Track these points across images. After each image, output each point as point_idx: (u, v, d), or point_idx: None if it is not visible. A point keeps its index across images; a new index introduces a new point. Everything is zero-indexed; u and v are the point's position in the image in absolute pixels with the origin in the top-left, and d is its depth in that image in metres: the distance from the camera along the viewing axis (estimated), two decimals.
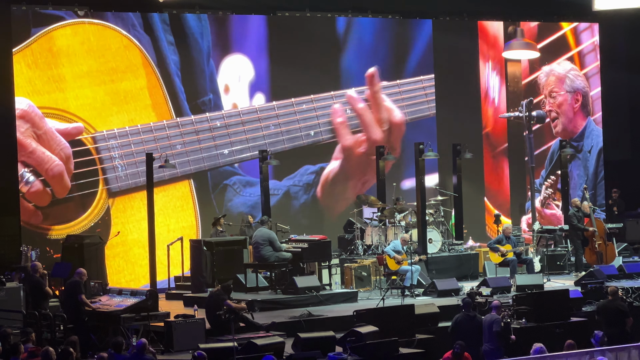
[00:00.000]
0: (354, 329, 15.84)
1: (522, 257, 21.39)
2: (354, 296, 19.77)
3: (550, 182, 26.90)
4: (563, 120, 27.10)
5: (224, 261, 20.25)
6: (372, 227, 22.27)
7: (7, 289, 17.62)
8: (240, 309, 16.67)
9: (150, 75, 20.18)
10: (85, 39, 19.69)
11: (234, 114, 21.34)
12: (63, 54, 19.39)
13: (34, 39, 19.47)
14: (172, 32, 20.93)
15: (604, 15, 25.39)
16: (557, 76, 27.20)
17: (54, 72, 19.32)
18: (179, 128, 20.45)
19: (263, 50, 22.52)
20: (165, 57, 20.78)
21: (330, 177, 23.19)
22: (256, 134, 21.63)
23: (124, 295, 17.24)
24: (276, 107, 22.25)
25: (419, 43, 25.43)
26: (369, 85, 23.68)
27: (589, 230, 22.29)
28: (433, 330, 17.41)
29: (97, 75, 19.81)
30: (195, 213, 21.17)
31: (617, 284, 19.24)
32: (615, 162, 27.21)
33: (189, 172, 20.92)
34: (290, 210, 22.64)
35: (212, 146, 21.03)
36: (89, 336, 16.59)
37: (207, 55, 21.83)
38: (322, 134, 22.76)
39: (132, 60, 20.07)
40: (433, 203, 23.22)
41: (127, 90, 19.95)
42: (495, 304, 16.57)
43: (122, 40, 19.94)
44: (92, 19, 19.67)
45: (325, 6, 24.36)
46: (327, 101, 23.06)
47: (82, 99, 19.64)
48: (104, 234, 20.07)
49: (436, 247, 22.43)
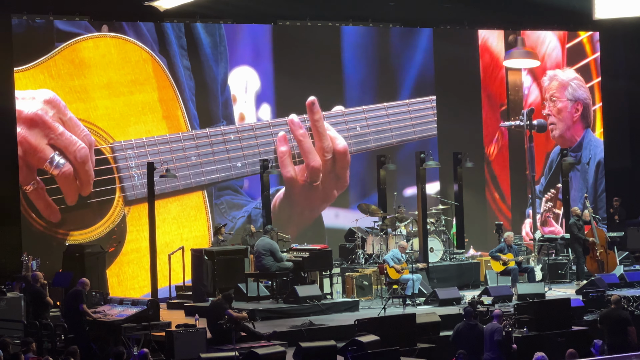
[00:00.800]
0: (355, 338, 15.82)
1: (523, 265, 21.38)
2: (355, 305, 19.76)
3: (550, 196, 26.81)
4: (560, 127, 27.05)
5: (225, 270, 20.23)
6: (374, 236, 22.27)
7: (8, 298, 17.60)
8: (242, 319, 16.64)
9: (167, 89, 20.73)
10: (107, 52, 20.33)
11: (247, 128, 21.84)
12: (85, 66, 20.01)
13: (57, 50, 20.05)
14: (189, 57, 21.54)
15: (604, 24, 25.39)
16: (560, 82, 27.18)
17: (76, 83, 19.91)
18: (194, 140, 20.97)
19: (268, 60, 22.76)
20: (182, 83, 21.29)
21: (277, 204, 22.98)
22: (269, 148, 22.21)
23: (125, 305, 17.22)
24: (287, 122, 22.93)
25: (420, 52, 25.47)
26: (309, 113, 23.30)
27: (590, 240, 22.28)
28: (434, 339, 17.40)
29: (116, 87, 20.37)
30: (208, 223, 21.61)
31: (618, 293, 19.22)
32: (616, 171, 27.20)
33: (202, 182, 21.33)
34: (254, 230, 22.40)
35: (226, 158, 21.55)
36: (89, 346, 16.57)
37: (222, 82, 22.19)
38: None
39: (150, 73, 20.63)
40: (434, 212, 23.21)
41: (144, 102, 20.48)
42: (496, 312, 16.55)
43: (142, 54, 20.49)
44: (113, 32, 20.42)
45: (326, 15, 24.39)
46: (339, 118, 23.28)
47: (101, 109, 20.24)
48: (120, 240, 20.52)
49: (437, 256, 22.41)
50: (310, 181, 23.32)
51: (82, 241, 20.31)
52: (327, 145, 23.56)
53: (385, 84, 24.88)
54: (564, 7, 25.14)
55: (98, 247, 20.52)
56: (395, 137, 24.35)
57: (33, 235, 20.52)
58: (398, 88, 25.03)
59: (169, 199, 20.68)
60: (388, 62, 25.07)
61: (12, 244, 20.85)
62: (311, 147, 23.18)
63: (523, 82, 26.71)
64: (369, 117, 24.09)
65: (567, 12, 25.48)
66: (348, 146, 23.74)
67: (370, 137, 24.06)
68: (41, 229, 20.58)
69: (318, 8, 24.05)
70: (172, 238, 20.67)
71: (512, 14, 25.91)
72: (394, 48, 25.23)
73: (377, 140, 24.19)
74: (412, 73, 25.31)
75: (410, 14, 25.10)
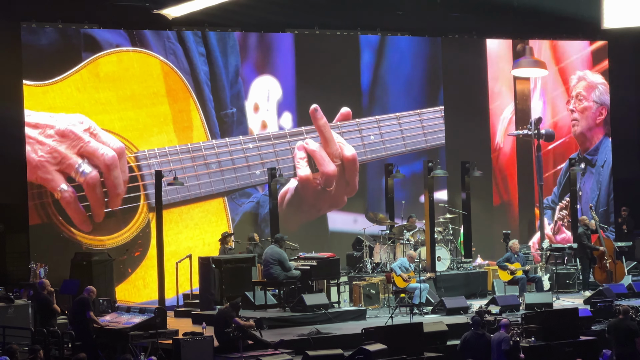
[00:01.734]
0: (362, 347, 15.81)
1: (530, 275, 21.35)
2: (362, 314, 19.74)
3: (565, 204, 26.66)
4: (583, 124, 27.19)
5: (233, 279, 20.24)
6: (381, 245, 22.27)
7: (16, 306, 17.63)
8: (249, 327, 16.65)
9: (187, 100, 21.50)
10: (130, 66, 21.07)
11: (265, 137, 22.44)
12: (109, 79, 20.80)
13: (83, 65, 20.85)
14: (204, 44, 22.24)
15: (613, 33, 25.39)
16: (589, 83, 27.33)
17: (101, 96, 20.65)
18: (215, 149, 21.63)
19: (290, 69, 23.30)
20: (195, 67, 22.02)
21: (286, 200, 23.34)
22: (288, 157, 22.83)
23: (133, 313, 17.23)
24: (305, 131, 23.35)
25: (428, 60, 25.51)
26: (313, 120, 23.55)
27: (599, 250, 22.24)
28: (442, 348, 17.37)
29: (139, 99, 21.06)
30: (229, 228, 22.26)
31: (626, 303, 19.17)
32: (624, 180, 27.15)
33: (222, 190, 21.96)
34: (259, 218, 23.08)
35: (245, 167, 22.24)
36: (97, 353, 16.58)
37: (234, 71, 22.66)
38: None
39: (172, 86, 21.39)
40: (442, 221, 23.20)
41: (166, 113, 21.25)
42: (504, 322, 16.52)
43: (163, 67, 21.27)
44: (136, 47, 21.28)
45: (335, 24, 24.42)
46: (352, 127, 23.89)
47: (126, 120, 20.90)
48: (145, 245, 21.11)
49: (445, 265, 22.40)
50: (324, 186, 23.55)
51: (109, 246, 20.90)
52: (334, 151, 23.71)
53: (397, 93, 24.99)
54: (573, 16, 25.16)
55: (105, 255, 20.55)
56: (408, 145, 24.62)
57: (59, 241, 21.01)
58: (407, 97, 25.10)
59: (191, 206, 21.48)
60: (399, 70, 25.15)
61: (20, 252, 20.89)
62: (324, 156, 23.42)
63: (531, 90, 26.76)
64: (382, 126, 24.39)
65: (576, 21, 25.50)
66: (363, 154, 24.02)
67: (383, 147, 24.37)
68: (69, 235, 21.11)
69: (326, 17, 24.08)
70: (195, 243, 21.54)
71: (521, 24, 25.90)
72: (404, 57, 25.26)
73: (389, 149, 24.49)
74: (421, 82, 25.32)
75: (419, 24, 25.10)
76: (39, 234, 20.93)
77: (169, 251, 21.05)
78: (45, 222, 20.98)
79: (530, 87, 26.86)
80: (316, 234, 23.76)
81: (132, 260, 20.50)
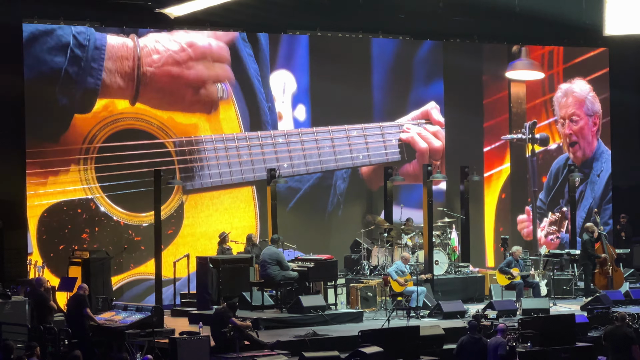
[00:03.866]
0: (358, 349, 15.82)
1: (528, 280, 21.35)
2: (359, 316, 19.75)
3: (555, 218, 26.41)
4: (583, 145, 26.78)
5: (230, 279, 20.26)
6: (379, 248, 22.27)
7: (13, 302, 17.61)
8: (246, 327, 16.65)
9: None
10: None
11: (294, 133, 23.56)
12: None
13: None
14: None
15: (614, 40, 25.39)
16: (577, 98, 26.77)
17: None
18: (247, 141, 22.77)
19: (304, 66, 24.14)
20: (245, 64, 23.19)
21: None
22: (312, 152, 23.83)
23: (130, 311, 17.25)
24: (331, 131, 24.19)
25: (429, 64, 25.55)
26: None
27: (602, 256, 22.22)
28: (438, 352, 17.37)
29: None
30: (256, 215, 23.14)
31: (623, 310, 19.17)
32: (623, 188, 27.15)
33: (251, 179, 22.96)
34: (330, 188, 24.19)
35: (274, 159, 23.31)
36: (92, 351, 16.58)
37: (265, 88, 23.65)
38: (370, 157, 24.67)
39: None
40: (440, 225, 23.20)
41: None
42: (500, 327, 16.53)
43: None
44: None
45: (336, 26, 24.43)
46: (375, 131, 24.77)
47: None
48: (177, 224, 22.05)
49: (442, 268, 22.40)
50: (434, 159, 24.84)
51: (145, 222, 21.89)
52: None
53: (399, 96, 25.17)
54: (574, 23, 25.17)
55: (103, 253, 20.55)
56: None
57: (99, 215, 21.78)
58: (408, 101, 25.23)
59: (222, 191, 22.54)
60: (400, 73, 25.28)
61: (18, 248, 20.90)
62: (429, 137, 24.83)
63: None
64: (385, 133, 24.93)
65: (578, 28, 25.51)
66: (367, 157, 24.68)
67: (385, 152, 24.85)
68: (109, 211, 21.90)
69: (328, 19, 24.10)
70: (224, 226, 22.36)
71: (522, 29, 25.88)
72: (404, 59, 25.30)
73: (391, 154, 25.00)
74: (423, 85, 25.36)
75: (420, 27, 25.12)
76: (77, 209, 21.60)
77: (200, 231, 22.39)
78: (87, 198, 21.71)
79: (525, 90, 26.54)
80: (314, 235, 23.77)
81: (165, 237, 21.42)
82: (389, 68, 25.09)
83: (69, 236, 21.34)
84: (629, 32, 23.77)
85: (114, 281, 21.48)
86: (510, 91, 26.42)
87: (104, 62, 21.46)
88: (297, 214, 23.82)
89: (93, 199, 21.67)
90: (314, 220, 24.03)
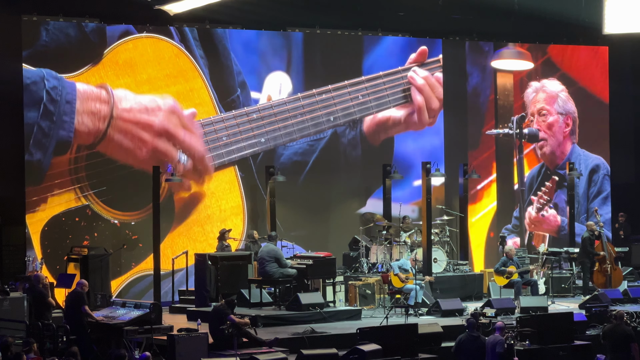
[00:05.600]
0: (356, 347, 15.82)
1: (526, 278, 21.36)
2: (357, 314, 19.76)
3: (544, 191, 25.62)
4: (552, 143, 25.65)
5: (229, 276, 20.25)
6: (378, 245, 22.27)
7: (11, 298, 17.61)
8: (244, 324, 16.65)
9: (197, 79, 22.70)
10: (144, 51, 22.20)
11: (267, 107, 23.51)
12: (127, 66, 22.03)
13: (104, 54, 21.89)
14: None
15: (614, 39, 25.38)
16: (549, 94, 25.76)
17: (122, 82, 21.92)
18: (224, 122, 22.89)
19: (299, 64, 24.21)
20: (197, 57, 23.00)
21: (390, 123, 24.52)
22: (287, 122, 23.79)
23: (128, 308, 17.24)
24: (301, 98, 24.03)
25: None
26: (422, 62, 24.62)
27: (601, 255, 22.22)
28: (436, 350, 17.38)
29: (155, 82, 22.26)
30: (241, 194, 23.24)
31: (621, 308, 19.18)
32: (622, 186, 27.14)
33: (233, 159, 23.09)
34: (339, 147, 24.26)
35: (252, 135, 23.29)
36: (91, 347, 16.58)
37: (230, 56, 23.44)
38: (340, 119, 24.33)
39: (182, 67, 22.58)
40: (439, 223, 23.21)
41: (179, 93, 22.47)
42: (499, 325, 16.53)
43: (173, 50, 22.45)
44: (149, 33, 22.34)
45: (335, 23, 24.44)
46: (343, 90, 24.52)
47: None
48: (170, 215, 22.31)
49: (441, 266, 22.42)
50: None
51: (132, 221, 22.04)
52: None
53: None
54: (574, 21, 25.16)
55: (102, 250, 20.56)
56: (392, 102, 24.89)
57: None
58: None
59: (206, 176, 22.86)
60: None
61: (16, 244, 20.90)
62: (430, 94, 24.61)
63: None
64: (369, 86, 24.66)
65: (577, 26, 25.50)
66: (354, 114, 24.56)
67: (372, 105, 24.67)
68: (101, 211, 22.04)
69: (328, 16, 24.10)
70: (213, 210, 22.76)
71: (522, 28, 25.87)
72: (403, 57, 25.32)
73: (378, 106, 24.79)
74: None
75: (420, 25, 25.11)
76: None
77: (191, 219, 22.64)
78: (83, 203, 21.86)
79: (512, 81, 25.62)
80: (313, 233, 23.78)
81: (179, 220, 22.06)
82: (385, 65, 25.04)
83: (72, 245, 21.19)
84: (628, 31, 23.77)
85: (119, 282, 21.66)
86: (496, 82, 25.57)
87: (74, 115, 21.49)
88: (297, 210, 23.83)
89: (89, 206, 21.68)
90: (313, 216, 24.02)
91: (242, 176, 23.07)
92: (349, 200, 24.42)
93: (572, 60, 26.75)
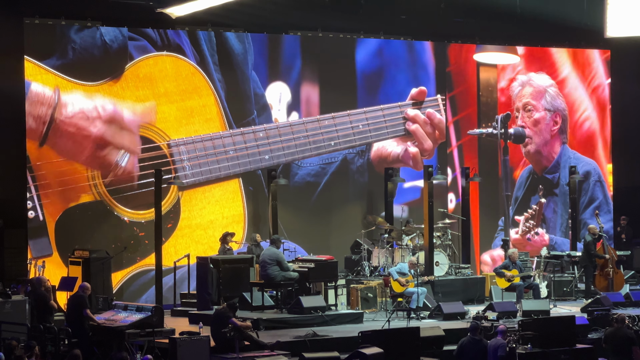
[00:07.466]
0: (358, 350, 15.81)
1: (528, 282, 21.34)
2: (359, 317, 19.75)
3: (532, 213, 24.93)
4: (537, 141, 24.32)
5: (230, 279, 20.26)
6: (380, 249, 22.26)
7: (13, 301, 17.61)
8: (246, 328, 16.65)
9: (209, 96, 23.44)
10: (163, 68, 23.02)
11: (272, 127, 23.85)
12: (147, 79, 22.84)
13: (127, 67, 22.54)
14: (218, 52, 23.56)
15: (616, 42, 25.38)
16: (536, 88, 24.43)
17: (140, 93, 22.73)
18: (231, 138, 23.44)
19: (297, 71, 24.40)
20: (214, 79, 23.56)
21: (390, 157, 24.38)
22: (290, 144, 24.05)
23: (130, 311, 17.24)
24: (305, 122, 24.21)
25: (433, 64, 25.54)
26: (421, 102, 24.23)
27: (604, 257, 22.20)
28: (438, 353, 17.37)
29: (171, 96, 23.04)
30: (243, 204, 23.68)
31: (623, 312, 19.17)
32: (623, 189, 27.12)
33: (238, 172, 23.53)
34: (348, 173, 24.42)
35: (257, 152, 23.65)
36: (92, 350, 16.58)
37: (249, 72, 23.88)
38: (340, 144, 24.44)
39: (197, 84, 23.36)
40: (440, 226, 23.20)
41: (193, 108, 23.29)
42: (501, 328, 16.54)
43: (190, 68, 23.22)
44: (169, 52, 23.06)
45: (338, 27, 24.44)
46: (344, 118, 24.60)
47: (160, 113, 22.94)
48: (175, 218, 22.92)
49: (443, 270, 22.40)
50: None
51: (148, 219, 22.31)
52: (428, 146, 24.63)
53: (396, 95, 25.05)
54: (576, 24, 25.15)
55: (103, 253, 20.56)
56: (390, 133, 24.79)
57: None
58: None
59: (213, 185, 23.27)
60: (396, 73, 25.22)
61: (18, 247, 20.89)
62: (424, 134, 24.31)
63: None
64: (369, 117, 24.59)
65: (579, 30, 25.48)
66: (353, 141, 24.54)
67: (370, 134, 24.63)
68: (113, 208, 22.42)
69: (330, 19, 24.10)
70: (215, 216, 23.33)
71: (523, 31, 25.84)
72: (406, 60, 25.30)
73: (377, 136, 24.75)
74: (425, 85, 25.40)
75: (421, 28, 25.11)
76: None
77: (195, 223, 23.15)
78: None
79: (496, 75, 24.40)
80: (314, 236, 23.79)
81: (166, 230, 22.19)
82: (385, 68, 25.04)
83: (84, 237, 21.70)
84: (631, 34, 23.75)
85: (122, 274, 21.91)
86: (480, 76, 24.41)
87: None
88: (298, 213, 23.86)
89: (102, 202, 22.09)
90: (315, 220, 24.05)
91: (251, 189, 23.55)
92: (351, 203, 24.47)
93: (574, 62, 26.72)
